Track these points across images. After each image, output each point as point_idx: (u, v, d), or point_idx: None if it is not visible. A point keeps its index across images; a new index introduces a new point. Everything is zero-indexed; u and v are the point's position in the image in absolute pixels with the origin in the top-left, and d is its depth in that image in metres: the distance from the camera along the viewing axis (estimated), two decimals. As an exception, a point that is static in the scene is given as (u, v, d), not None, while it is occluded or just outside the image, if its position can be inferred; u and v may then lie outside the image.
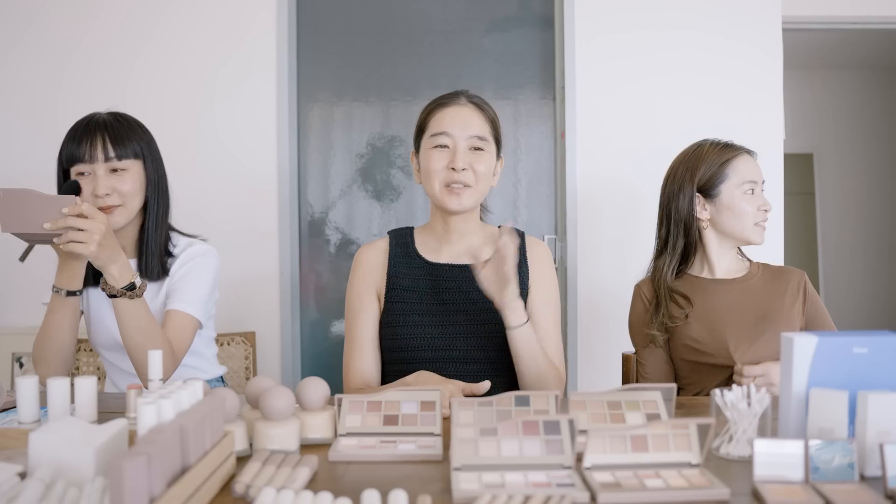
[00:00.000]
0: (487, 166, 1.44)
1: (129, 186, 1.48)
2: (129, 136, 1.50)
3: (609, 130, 2.51)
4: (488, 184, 1.46)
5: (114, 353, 1.60)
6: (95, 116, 1.52)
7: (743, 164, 1.59)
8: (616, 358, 1.81)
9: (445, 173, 1.42)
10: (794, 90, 4.83)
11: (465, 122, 1.43)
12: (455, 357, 1.42)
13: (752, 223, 1.58)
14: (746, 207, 1.57)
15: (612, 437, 0.90)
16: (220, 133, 2.50)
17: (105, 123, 1.49)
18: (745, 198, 1.57)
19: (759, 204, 1.58)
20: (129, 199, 1.49)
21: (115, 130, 1.49)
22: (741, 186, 1.58)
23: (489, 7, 2.60)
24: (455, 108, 1.45)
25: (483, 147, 1.43)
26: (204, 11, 2.51)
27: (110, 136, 1.47)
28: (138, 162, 1.51)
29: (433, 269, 1.49)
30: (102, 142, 1.47)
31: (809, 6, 2.78)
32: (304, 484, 0.84)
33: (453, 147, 1.42)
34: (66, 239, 1.25)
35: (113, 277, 1.33)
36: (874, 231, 5.31)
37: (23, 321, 2.51)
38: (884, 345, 0.94)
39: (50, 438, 0.82)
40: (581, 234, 2.51)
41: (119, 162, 1.48)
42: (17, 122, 2.52)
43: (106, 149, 1.46)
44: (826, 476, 0.84)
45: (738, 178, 1.58)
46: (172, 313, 1.49)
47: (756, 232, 1.59)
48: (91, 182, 1.46)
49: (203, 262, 1.57)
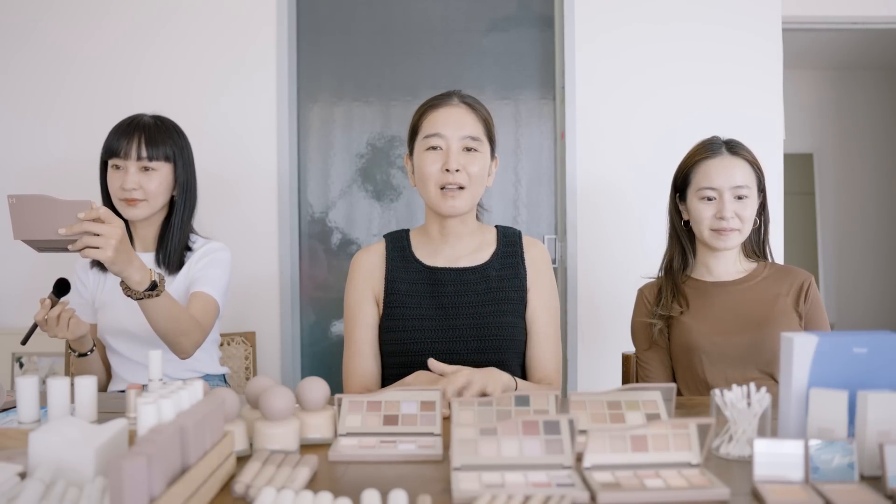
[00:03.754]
0: (481, 167, 1.43)
1: (156, 186, 1.60)
2: (164, 140, 1.62)
3: (609, 130, 2.51)
4: (482, 185, 1.46)
5: (120, 341, 1.63)
6: (138, 118, 1.64)
7: (709, 169, 1.56)
8: (616, 358, 1.81)
9: (439, 175, 1.41)
10: (794, 90, 4.82)
11: (457, 122, 1.42)
12: (455, 360, 1.41)
13: (708, 229, 1.57)
14: (702, 213, 1.57)
15: (612, 437, 0.90)
16: (220, 133, 2.50)
17: (144, 125, 1.62)
18: (702, 204, 1.57)
19: (714, 211, 1.55)
20: (153, 198, 1.61)
21: (151, 132, 1.61)
22: (697, 192, 1.57)
23: (489, 7, 2.59)
24: (447, 108, 1.44)
25: (476, 147, 1.42)
26: (204, 11, 2.51)
27: (146, 137, 1.60)
28: (168, 164, 1.62)
29: (431, 273, 1.48)
30: (138, 141, 1.59)
31: (809, 6, 2.77)
32: (304, 484, 0.84)
33: (446, 148, 1.41)
34: (82, 245, 1.22)
35: (133, 281, 1.31)
36: (874, 231, 5.30)
37: (23, 321, 2.51)
38: (884, 345, 0.94)
39: (50, 438, 0.82)
40: (581, 234, 2.51)
41: (150, 162, 1.60)
42: (20, 123, 2.52)
43: (140, 148, 1.59)
44: (826, 476, 0.84)
45: (696, 183, 1.58)
46: (198, 294, 1.59)
47: (712, 238, 1.57)
48: (122, 176, 1.59)
49: (222, 255, 1.68)
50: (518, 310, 1.47)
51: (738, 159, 1.57)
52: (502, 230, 1.54)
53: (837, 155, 5.33)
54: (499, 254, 1.50)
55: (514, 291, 1.47)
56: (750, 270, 1.62)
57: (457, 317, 1.44)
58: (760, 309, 1.55)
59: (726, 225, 1.54)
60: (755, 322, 1.52)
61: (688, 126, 2.47)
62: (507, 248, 1.51)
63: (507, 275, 1.48)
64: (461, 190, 1.41)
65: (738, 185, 1.55)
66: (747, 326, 1.52)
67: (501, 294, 1.46)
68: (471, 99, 1.48)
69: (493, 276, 1.47)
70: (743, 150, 1.59)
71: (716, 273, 1.62)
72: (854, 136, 5.31)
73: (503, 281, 1.47)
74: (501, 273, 1.48)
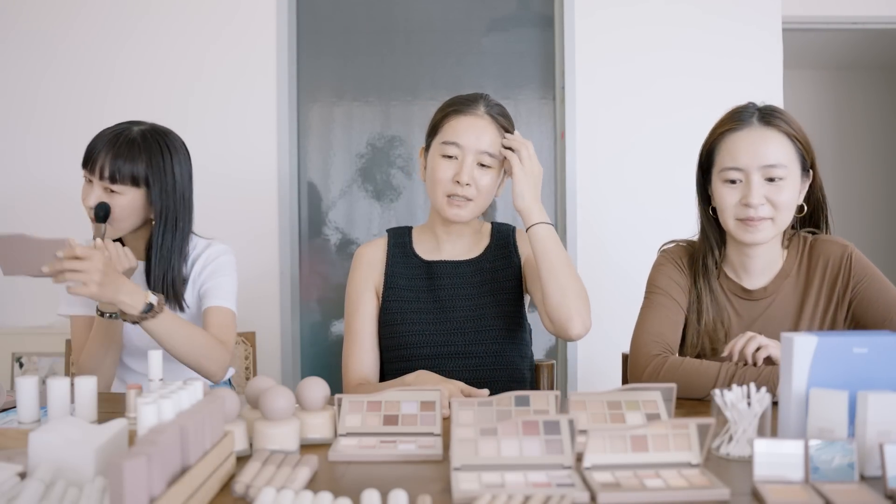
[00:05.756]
0: (492, 180, 1.44)
1: (119, 210, 1.44)
2: (135, 159, 1.43)
3: (609, 130, 2.51)
4: (490, 196, 1.46)
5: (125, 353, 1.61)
6: (121, 128, 1.47)
7: (734, 144, 1.28)
8: (616, 358, 1.81)
9: (450, 185, 1.41)
10: (794, 90, 4.82)
11: (477, 136, 1.41)
12: (454, 353, 1.43)
13: (733, 218, 1.30)
14: (725, 199, 1.30)
15: (612, 437, 0.90)
16: (219, 133, 2.50)
17: (116, 138, 1.44)
18: (725, 188, 1.30)
19: (740, 196, 1.28)
20: (117, 221, 1.46)
21: (120, 149, 1.43)
22: (720, 174, 1.30)
23: (489, 7, 2.59)
24: (470, 118, 1.42)
25: (490, 164, 1.42)
26: (204, 12, 2.51)
27: (111, 156, 1.42)
28: (135, 189, 1.45)
29: (429, 267, 1.50)
30: (102, 159, 1.42)
31: (809, 6, 2.78)
32: (304, 484, 0.84)
33: (461, 160, 1.41)
34: (63, 280, 1.23)
35: (127, 305, 1.29)
36: (874, 231, 5.30)
37: (23, 321, 2.51)
38: (884, 345, 0.94)
39: (50, 438, 0.82)
40: (581, 234, 2.51)
41: (112, 184, 1.43)
42: (15, 127, 2.51)
43: (103, 167, 1.42)
44: (826, 476, 0.84)
45: (720, 162, 1.31)
46: (212, 310, 1.50)
47: (738, 229, 1.30)
48: (89, 190, 1.45)
49: (226, 260, 1.59)
50: (513, 299, 1.48)
51: (771, 131, 1.27)
52: (496, 226, 1.56)
53: (837, 155, 5.33)
54: (492, 246, 1.52)
55: (508, 281, 1.49)
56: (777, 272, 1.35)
57: (453, 309, 1.46)
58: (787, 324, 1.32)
59: (754, 213, 1.26)
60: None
61: (688, 126, 2.47)
62: (500, 241, 1.53)
63: (500, 265, 1.50)
64: (468, 201, 1.42)
65: (769, 163, 1.25)
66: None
67: (496, 285, 1.48)
68: (497, 109, 1.45)
69: (487, 267, 1.50)
70: (780, 120, 1.29)
71: (753, 273, 1.36)
72: (853, 136, 5.31)
73: (497, 272, 1.49)
74: (495, 264, 1.50)
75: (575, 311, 1.32)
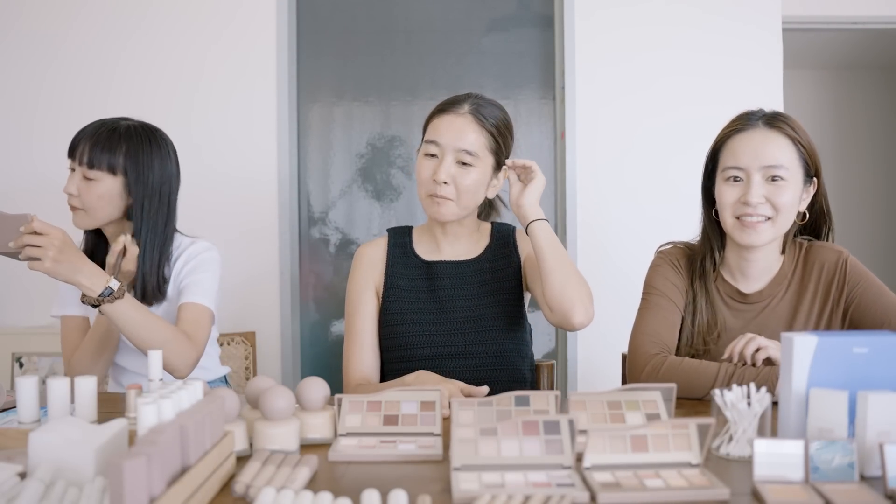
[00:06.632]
0: (475, 180, 1.41)
1: (95, 198, 1.47)
2: (114, 148, 1.47)
3: (609, 130, 2.51)
4: (477, 196, 1.44)
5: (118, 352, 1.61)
6: (108, 120, 1.51)
7: (737, 144, 1.32)
8: (616, 358, 1.81)
9: (429, 183, 1.41)
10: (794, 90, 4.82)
11: (457, 134, 1.40)
12: (454, 353, 1.43)
13: (731, 216, 1.31)
14: (725, 197, 1.31)
15: (612, 437, 0.90)
16: (219, 133, 2.50)
17: (96, 129, 1.49)
18: (726, 186, 1.32)
19: (740, 194, 1.30)
20: (91, 209, 1.48)
21: (101, 138, 1.47)
22: (723, 173, 1.33)
23: (489, 7, 2.59)
24: (452, 117, 1.41)
25: (470, 162, 1.40)
26: (205, 11, 2.51)
27: (91, 143, 1.47)
28: (112, 177, 1.48)
29: (429, 267, 1.50)
30: (83, 146, 1.47)
31: (809, 6, 2.78)
32: (304, 484, 0.84)
33: (441, 158, 1.41)
34: (25, 256, 1.26)
35: (85, 287, 1.30)
36: (874, 231, 5.30)
37: (23, 321, 2.51)
38: (884, 345, 0.94)
39: (50, 438, 0.82)
40: (581, 234, 2.51)
41: (89, 170, 1.47)
42: (17, 127, 2.52)
43: (83, 154, 1.47)
44: (826, 476, 0.84)
45: (723, 161, 1.34)
46: (186, 306, 1.49)
47: (735, 229, 1.31)
48: (71, 178, 1.49)
49: (208, 256, 1.57)
50: (513, 299, 1.48)
51: (775, 133, 1.30)
52: (496, 226, 1.56)
53: (837, 155, 5.33)
54: (492, 246, 1.52)
55: (508, 281, 1.48)
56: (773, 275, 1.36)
57: (453, 309, 1.46)
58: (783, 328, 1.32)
59: (752, 211, 1.27)
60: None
61: (688, 126, 2.48)
62: (500, 241, 1.53)
63: (500, 265, 1.50)
64: (447, 200, 1.41)
65: (770, 163, 1.27)
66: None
67: (496, 285, 1.48)
68: (486, 108, 1.43)
69: (487, 267, 1.50)
70: (784, 124, 1.31)
71: (750, 277, 1.37)
72: (853, 136, 5.31)
73: (497, 272, 1.49)
74: (495, 264, 1.50)
75: (577, 299, 1.30)
